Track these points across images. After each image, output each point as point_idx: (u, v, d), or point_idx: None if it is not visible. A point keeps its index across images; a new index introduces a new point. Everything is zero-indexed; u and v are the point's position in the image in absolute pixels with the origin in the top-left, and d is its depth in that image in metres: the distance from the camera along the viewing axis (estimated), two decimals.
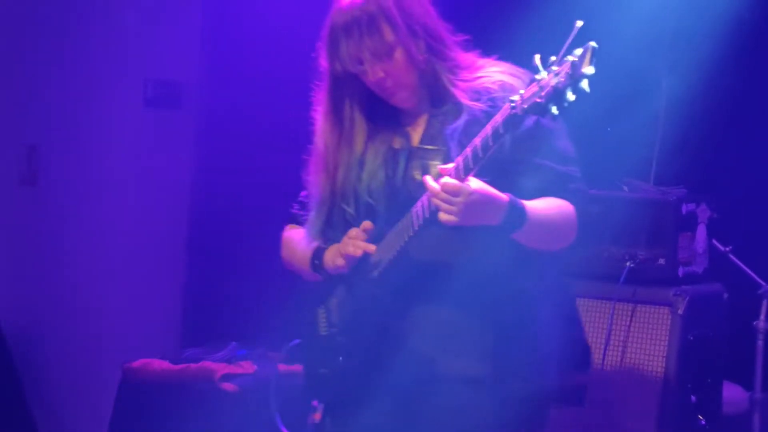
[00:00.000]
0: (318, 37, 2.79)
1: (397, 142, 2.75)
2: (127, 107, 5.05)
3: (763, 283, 4.06)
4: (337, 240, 2.74)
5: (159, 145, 4.98)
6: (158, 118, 5.08)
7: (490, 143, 2.40)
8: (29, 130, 4.97)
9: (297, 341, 3.03)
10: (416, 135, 2.75)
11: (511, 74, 2.61)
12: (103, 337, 4.95)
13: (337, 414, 2.83)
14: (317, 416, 2.87)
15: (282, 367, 4.31)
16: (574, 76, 2.24)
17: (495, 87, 2.59)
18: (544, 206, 2.58)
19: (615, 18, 4.05)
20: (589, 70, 2.23)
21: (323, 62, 2.71)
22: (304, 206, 2.96)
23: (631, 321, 3.99)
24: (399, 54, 2.63)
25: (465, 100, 2.63)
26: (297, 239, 2.92)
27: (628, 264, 4.00)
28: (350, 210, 2.76)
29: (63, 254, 4.95)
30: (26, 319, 4.95)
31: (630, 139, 4.50)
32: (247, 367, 4.26)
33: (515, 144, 2.54)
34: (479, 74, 2.67)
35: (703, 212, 4.17)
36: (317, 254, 2.81)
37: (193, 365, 4.27)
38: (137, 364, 4.42)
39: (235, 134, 4.89)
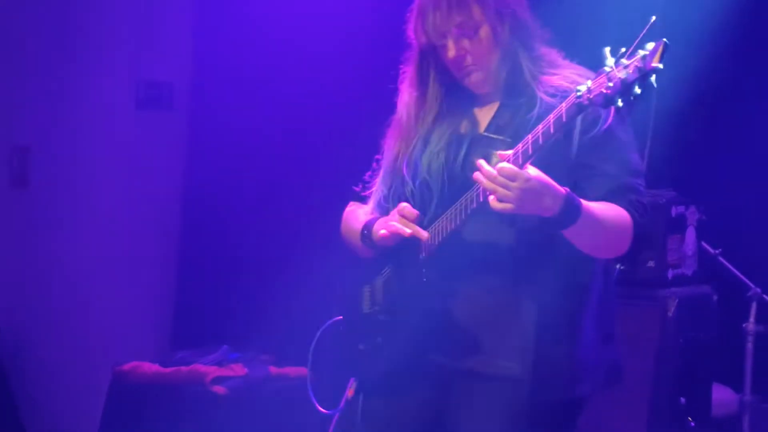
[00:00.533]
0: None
1: (464, 127, 2.75)
2: (118, 109, 5.04)
3: (752, 285, 4.10)
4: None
5: (151, 146, 4.99)
6: (150, 120, 5.07)
7: (552, 131, 2.38)
8: (21, 132, 4.96)
9: (338, 318, 3.00)
10: (484, 122, 2.74)
11: (588, 78, 2.59)
12: (94, 340, 4.94)
13: (370, 392, 2.82)
14: (350, 392, 2.85)
15: (273, 370, 4.32)
16: (644, 70, 2.22)
17: (572, 88, 2.53)
18: (601, 209, 2.55)
19: (602, 17, 4.06)
20: (658, 65, 2.21)
21: (410, 33, 2.72)
22: (367, 186, 2.95)
23: (621, 323, 3.91)
24: (484, 32, 2.64)
25: (541, 94, 2.63)
26: (355, 214, 2.92)
27: (618, 266, 3.92)
28: (410, 183, 2.74)
29: (54, 256, 4.94)
30: (16, 321, 4.92)
31: None
32: (238, 369, 4.26)
33: (584, 148, 2.54)
34: (558, 72, 2.67)
35: (693, 215, 4.18)
36: (367, 225, 2.80)
37: (183, 368, 4.27)
38: (128, 366, 4.41)
39: (227, 135, 4.89)
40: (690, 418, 4.05)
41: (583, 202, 2.49)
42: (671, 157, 4.52)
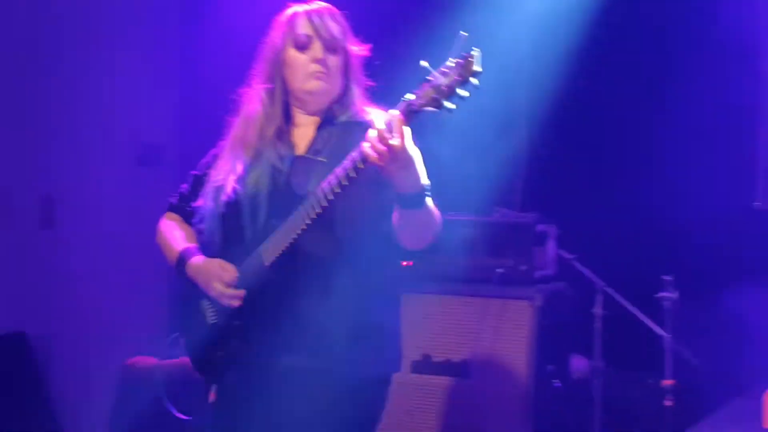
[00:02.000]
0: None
1: (284, 148, 2.72)
2: (123, 164, 5.26)
3: (598, 280, 4.49)
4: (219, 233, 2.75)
5: (149, 195, 4.95)
6: (147, 174, 5.26)
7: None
8: (44, 182, 4.94)
9: (176, 334, 2.95)
10: (302, 144, 2.75)
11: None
12: (109, 343, 5.04)
13: (230, 393, 2.79)
14: (212, 395, 2.80)
15: None
16: (464, 74, 2.26)
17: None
18: (431, 204, 2.56)
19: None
20: (477, 68, 2.26)
21: (275, 41, 2.74)
22: (184, 199, 2.91)
23: (501, 312, 4.37)
24: (341, 56, 2.71)
25: (363, 116, 2.71)
26: (172, 231, 2.86)
27: (498, 270, 4.46)
28: (238, 200, 2.70)
29: (75, 282, 5.02)
30: (45, 332, 4.94)
31: (500, 172, 4.76)
32: None
33: None
34: (371, 109, 2.79)
35: (553, 231, 4.66)
36: (182, 259, 2.77)
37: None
38: (133, 360, 4.67)
39: None
40: (556, 381, 4.50)
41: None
42: (537, 185, 4.99)
